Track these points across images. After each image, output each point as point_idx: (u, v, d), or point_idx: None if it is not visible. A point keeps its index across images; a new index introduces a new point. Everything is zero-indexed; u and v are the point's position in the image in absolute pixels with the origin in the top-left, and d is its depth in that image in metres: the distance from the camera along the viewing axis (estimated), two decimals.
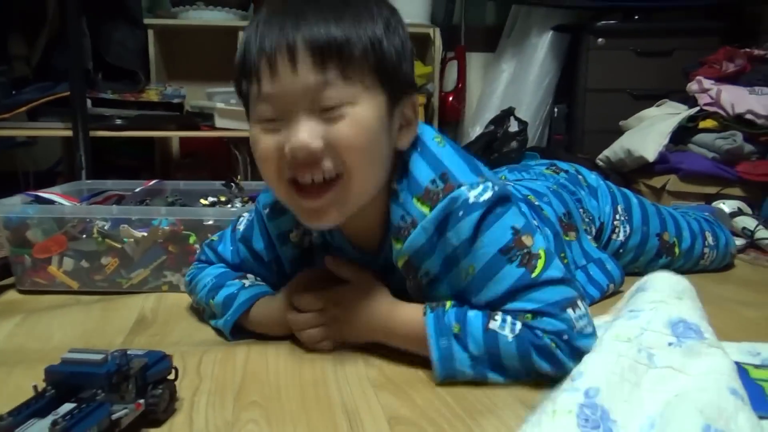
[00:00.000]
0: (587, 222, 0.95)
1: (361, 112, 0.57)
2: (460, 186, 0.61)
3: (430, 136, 0.67)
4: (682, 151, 1.65)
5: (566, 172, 1.01)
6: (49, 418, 0.44)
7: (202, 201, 1.13)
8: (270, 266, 0.78)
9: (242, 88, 0.62)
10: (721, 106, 1.60)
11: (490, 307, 0.61)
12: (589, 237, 0.93)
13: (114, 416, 0.47)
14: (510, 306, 0.60)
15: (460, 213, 0.60)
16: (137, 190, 1.15)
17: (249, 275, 0.78)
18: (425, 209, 0.62)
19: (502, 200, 0.62)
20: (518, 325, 0.58)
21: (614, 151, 1.77)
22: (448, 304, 0.63)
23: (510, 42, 2.39)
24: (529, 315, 0.59)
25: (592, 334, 0.59)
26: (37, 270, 0.93)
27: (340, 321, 0.67)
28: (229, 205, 1.10)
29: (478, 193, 0.60)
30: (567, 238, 0.88)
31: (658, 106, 1.87)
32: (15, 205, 0.97)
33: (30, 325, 0.81)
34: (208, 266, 0.81)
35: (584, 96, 2.15)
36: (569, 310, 0.58)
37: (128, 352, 0.52)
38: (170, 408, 0.54)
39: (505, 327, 0.58)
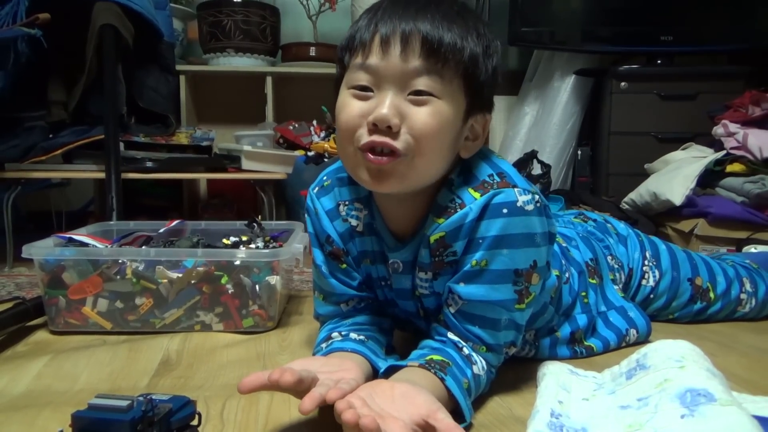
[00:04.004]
0: (616, 269, 0.95)
1: (442, 105, 0.64)
2: (514, 186, 0.66)
3: (492, 153, 0.74)
4: (709, 195, 1.63)
5: (594, 221, 1.02)
6: None
7: (225, 241, 1.15)
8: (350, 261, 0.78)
9: (344, 59, 0.68)
10: (748, 150, 1.59)
11: (461, 300, 0.67)
12: (616, 287, 0.92)
13: None
14: (473, 329, 0.68)
15: (504, 210, 0.65)
16: (161, 230, 1.17)
17: (343, 324, 0.78)
18: (476, 195, 0.67)
19: (551, 236, 0.69)
20: (483, 363, 0.68)
21: (640, 194, 1.76)
22: (445, 361, 0.64)
23: (533, 85, 2.42)
24: (484, 348, 0.68)
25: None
26: (71, 311, 0.95)
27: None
28: (252, 245, 1.12)
29: (526, 200, 0.66)
30: (591, 281, 0.88)
31: (683, 149, 1.86)
32: (50, 247, 0.99)
33: (58, 365, 0.82)
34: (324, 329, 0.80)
35: (608, 139, 2.15)
36: (509, 349, 0.71)
37: (153, 398, 0.52)
38: None
39: (480, 368, 0.67)
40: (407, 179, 0.65)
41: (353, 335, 0.73)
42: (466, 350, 0.67)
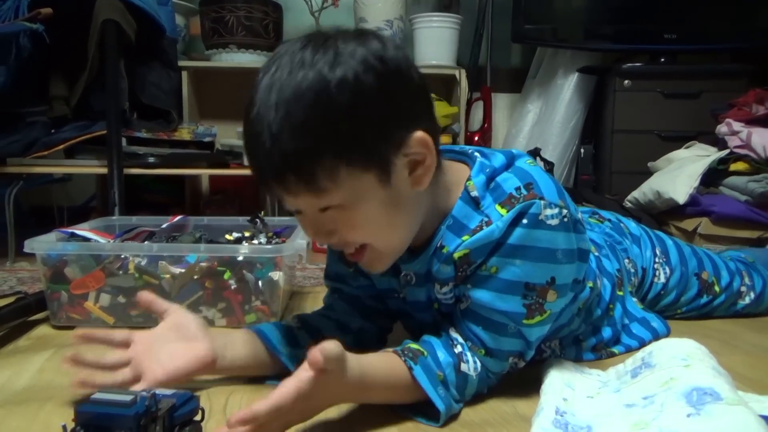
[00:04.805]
0: (632, 273, 0.94)
1: (355, 211, 0.59)
2: (541, 198, 0.63)
3: (523, 159, 0.69)
4: (713, 194, 1.63)
5: (609, 221, 1.00)
6: None
7: (228, 236, 1.15)
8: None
9: None
10: (752, 149, 1.58)
11: (470, 300, 0.65)
12: (634, 299, 0.92)
13: None
14: (476, 330, 0.65)
15: (524, 221, 0.62)
16: (164, 225, 1.17)
17: None
18: (503, 212, 0.63)
19: (580, 252, 0.67)
20: (478, 364, 0.65)
21: (643, 192, 1.75)
22: (420, 350, 0.64)
23: (536, 83, 2.41)
24: (483, 351, 0.65)
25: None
26: (73, 306, 0.95)
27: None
28: (255, 241, 1.12)
29: (550, 213, 0.63)
30: (619, 293, 0.88)
31: (687, 147, 1.85)
32: (52, 242, 0.99)
33: (60, 360, 0.81)
34: None
35: (611, 137, 2.15)
36: (512, 359, 0.67)
37: (156, 393, 0.52)
38: None
39: (470, 367, 0.64)
40: (387, 258, 0.66)
41: (292, 321, 0.76)
42: (459, 348, 0.65)
